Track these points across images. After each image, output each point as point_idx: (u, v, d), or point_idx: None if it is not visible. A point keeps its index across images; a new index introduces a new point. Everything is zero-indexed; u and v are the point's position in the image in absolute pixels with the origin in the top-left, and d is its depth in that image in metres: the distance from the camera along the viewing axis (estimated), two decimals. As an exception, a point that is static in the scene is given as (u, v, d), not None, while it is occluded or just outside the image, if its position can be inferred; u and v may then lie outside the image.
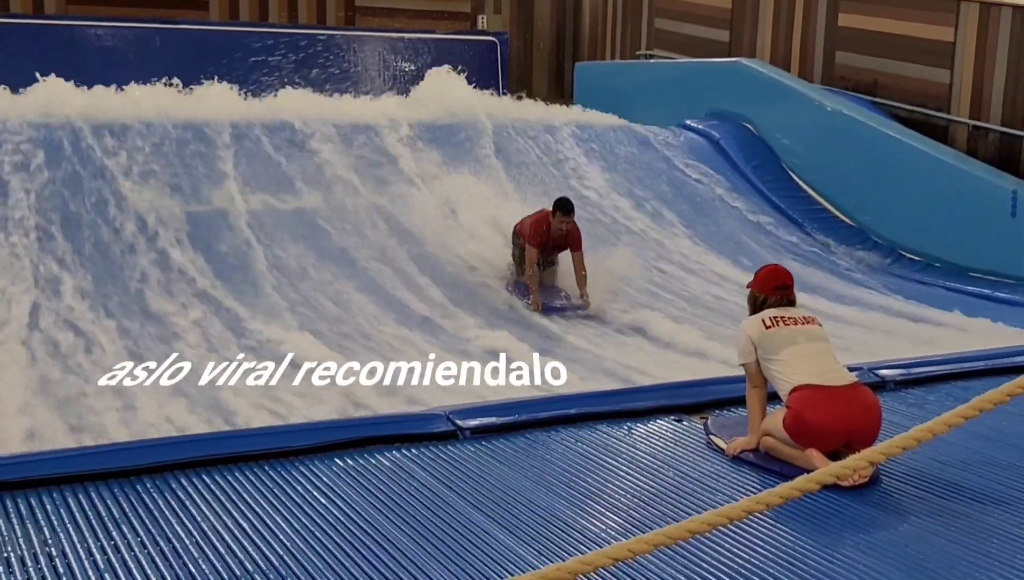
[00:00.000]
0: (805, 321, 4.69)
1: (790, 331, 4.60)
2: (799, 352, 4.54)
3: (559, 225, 8.56)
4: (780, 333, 4.59)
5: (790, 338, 4.58)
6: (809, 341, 4.59)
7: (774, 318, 4.65)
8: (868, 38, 12.68)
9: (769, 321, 4.64)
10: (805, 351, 4.55)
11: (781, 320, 4.64)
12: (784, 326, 4.62)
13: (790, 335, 4.59)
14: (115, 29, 14.15)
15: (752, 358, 4.63)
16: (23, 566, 3.40)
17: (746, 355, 4.65)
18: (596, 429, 4.95)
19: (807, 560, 3.58)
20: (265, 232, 8.81)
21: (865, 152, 11.24)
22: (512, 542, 3.68)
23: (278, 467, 4.30)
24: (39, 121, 9.09)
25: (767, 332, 4.60)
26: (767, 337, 4.59)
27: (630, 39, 16.98)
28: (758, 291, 4.80)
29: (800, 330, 4.62)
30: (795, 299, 4.82)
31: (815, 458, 4.28)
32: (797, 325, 4.64)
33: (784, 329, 4.61)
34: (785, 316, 4.66)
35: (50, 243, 8.01)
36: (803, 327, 4.64)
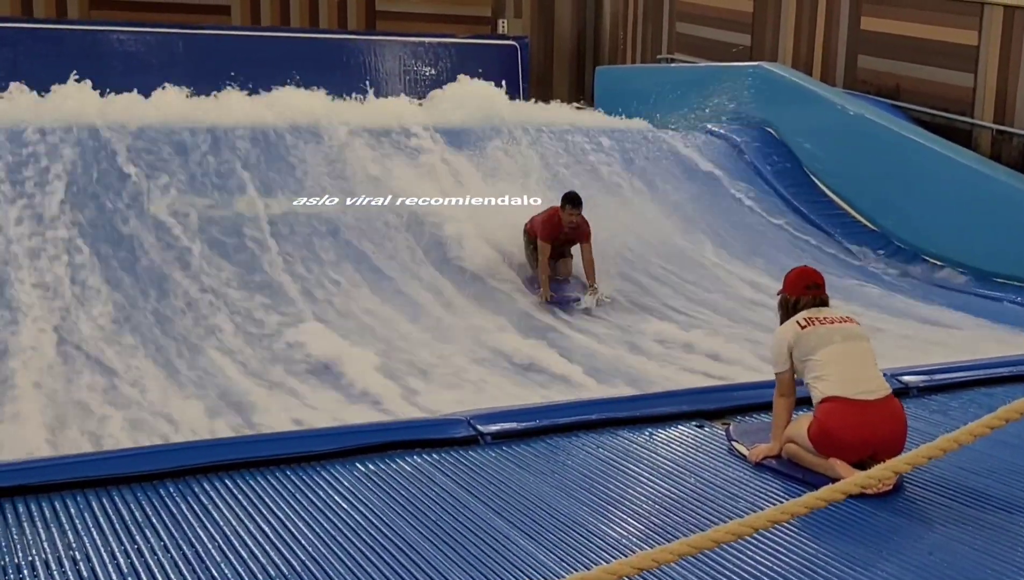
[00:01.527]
0: (842, 320, 4.58)
1: (827, 330, 4.50)
2: (836, 353, 4.44)
3: (569, 218, 8.81)
4: (816, 332, 4.49)
5: (827, 337, 4.48)
6: (846, 340, 4.49)
7: (809, 318, 4.55)
8: (891, 42, 12.62)
9: (804, 321, 4.54)
10: (842, 352, 4.45)
11: (817, 320, 4.54)
12: (820, 325, 4.51)
13: (827, 334, 4.49)
14: (137, 34, 14.24)
15: (787, 366, 4.54)
16: (47, 569, 3.42)
17: (781, 363, 4.56)
18: (617, 435, 4.93)
19: (830, 568, 3.56)
20: (286, 236, 8.83)
21: (887, 156, 11.18)
22: (533, 548, 3.67)
23: (300, 471, 4.31)
24: (62, 125, 9.13)
25: (803, 332, 4.50)
26: (803, 337, 4.49)
27: (651, 43, 16.96)
28: (789, 294, 4.71)
29: (837, 329, 4.52)
30: (827, 298, 4.71)
31: (839, 467, 4.25)
32: (834, 324, 4.53)
33: (820, 328, 4.50)
34: (821, 316, 4.56)
35: (72, 246, 8.05)
36: (840, 326, 4.54)
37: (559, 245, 9.00)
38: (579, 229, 8.89)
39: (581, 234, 8.91)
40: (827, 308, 4.65)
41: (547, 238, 8.84)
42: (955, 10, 11.71)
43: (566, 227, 8.84)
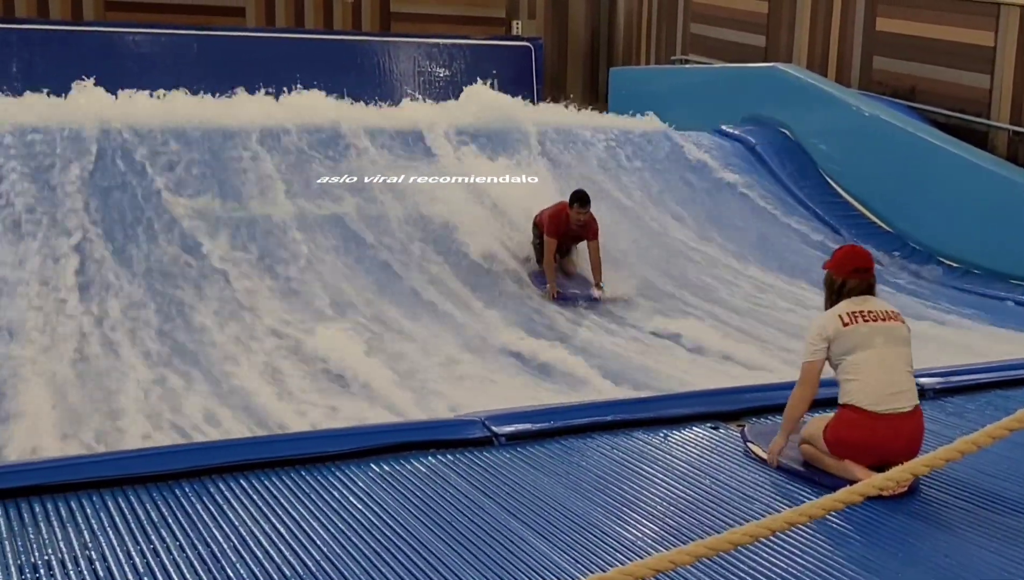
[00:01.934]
0: (887, 317, 4.38)
1: (869, 329, 4.32)
2: (873, 358, 4.28)
3: (577, 216, 8.89)
4: (858, 331, 4.31)
5: (868, 338, 4.30)
6: (887, 344, 4.31)
7: (853, 314, 4.34)
8: (906, 42, 12.57)
9: (847, 317, 4.33)
10: (879, 358, 4.28)
11: (861, 316, 4.34)
12: (864, 323, 4.32)
13: (869, 334, 4.31)
14: (152, 36, 14.31)
15: (819, 357, 4.36)
16: (63, 569, 3.43)
17: (813, 352, 4.37)
18: (632, 436, 4.92)
19: (845, 570, 3.55)
20: (303, 236, 8.84)
21: (903, 158, 11.14)
22: (548, 549, 3.67)
23: (315, 472, 4.32)
24: (78, 126, 9.18)
25: (844, 330, 4.31)
26: (844, 335, 4.31)
27: (665, 44, 16.94)
28: (835, 273, 4.48)
29: (880, 328, 4.33)
30: (874, 282, 4.52)
31: (855, 470, 4.23)
32: (878, 322, 4.34)
33: (863, 326, 4.32)
34: (865, 310, 4.36)
35: (91, 246, 8.08)
36: (884, 325, 4.34)
37: (566, 241, 9.09)
38: (587, 227, 8.96)
39: (589, 231, 8.99)
40: (873, 298, 4.45)
41: (554, 234, 8.91)
42: (971, 11, 11.66)
43: (574, 225, 8.92)
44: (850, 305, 4.40)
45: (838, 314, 4.37)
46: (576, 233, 9.03)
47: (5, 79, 12.39)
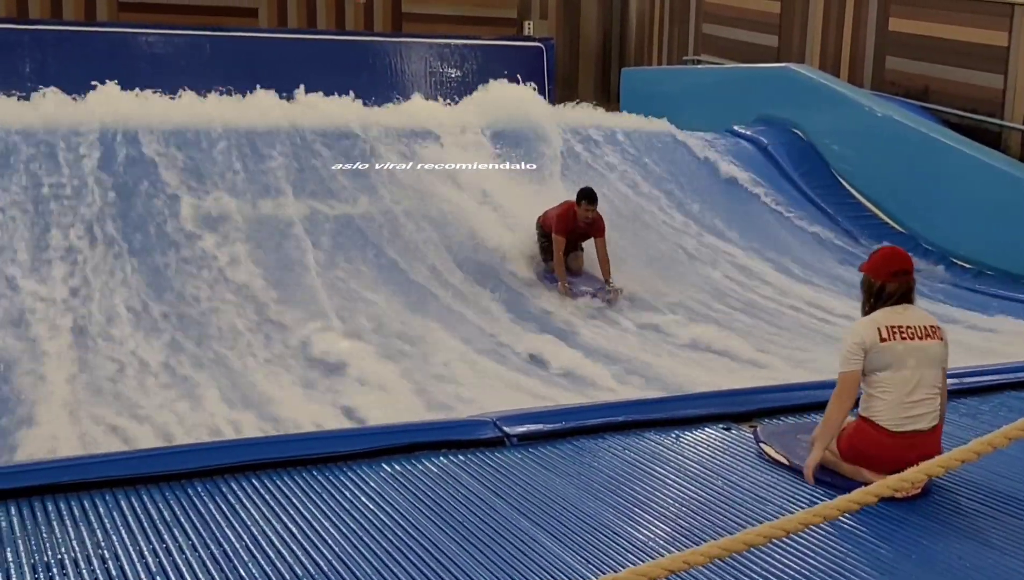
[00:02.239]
0: (927, 334, 4.21)
1: (905, 349, 4.15)
2: (902, 379, 4.15)
3: (585, 213, 8.98)
4: (894, 349, 4.15)
5: (901, 358, 4.15)
6: (919, 366, 4.17)
7: (892, 329, 4.16)
8: (919, 43, 12.53)
9: (886, 331, 4.16)
10: (909, 379, 4.15)
11: (899, 332, 4.16)
12: (900, 341, 4.14)
13: (903, 354, 4.15)
14: (166, 36, 14.34)
15: (857, 367, 4.18)
16: (76, 567, 3.43)
17: (850, 362, 4.19)
18: (644, 437, 4.91)
19: (859, 571, 3.53)
20: (315, 237, 8.85)
21: (916, 158, 11.11)
22: (559, 549, 3.66)
23: (326, 472, 4.32)
24: (92, 127, 9.20)
25: (881, 345, 4.15)
26: (879, 350, 4.15)
27: (677, 44, 16.92)
28: (873, 276, 4.28)
29: (916, 348, 4.17)
30: (914, 286, 4.33)
31: (865, 472, 4.20)
32: (915, 340, 4.16)
33: (899, 344, 4.14)
34: (904, 326, 4.18)
35: (104, 246, 8.11)
36: (921, 344, 4.18)
37: (573, 239, 9.14)
38: (594, 224, 9.04)
39: (596, 229, 9.06)
40: (913, 308, 4.28)
41: (562, 232, 8.98)
42: (985, 11, 11.62)
43: (581, 222, 8.99)
44: (890, 316, 4.22)
45: (877, 326, 4.19)
46: (583, 231, 9.09)
47: (18, 80, 12.42)
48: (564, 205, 9.14)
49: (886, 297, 4.26)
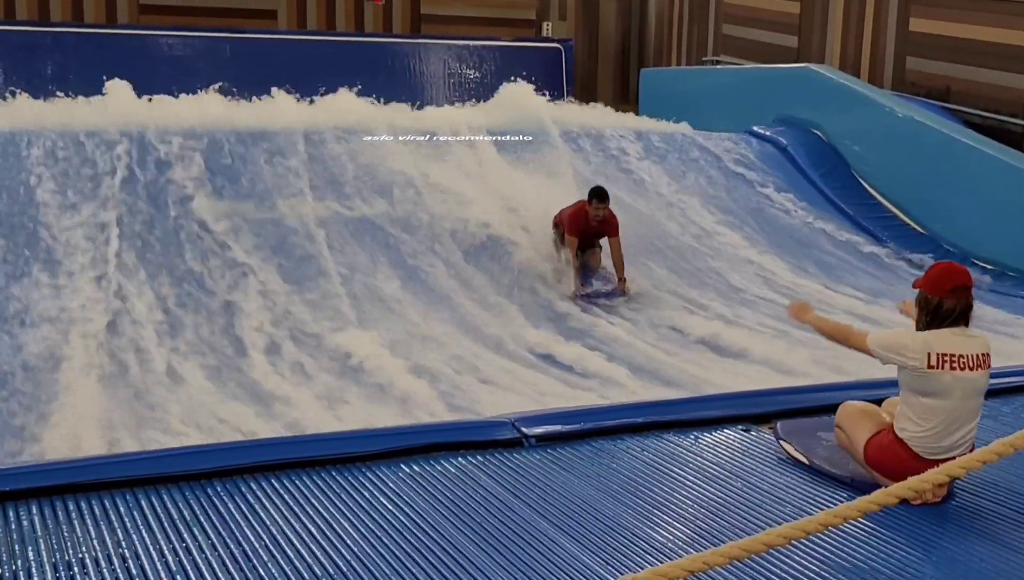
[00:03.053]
0: (977, 365, 4.05)
1: (952, 379, 4.00)
2: (944, 410, 4.04)
3: (595, 212, 8.96)
4: (941, 379, 4.01)
5: (948, 389, 4.02)
6: (964, 399, 4.04)
7: (943, 357, 4.00)
8: (940, 43, 12.47)
9: (936, 359, 4.00)
10: (948, 410, 4.05)
11: (950, 361, 4.00)
12: (951, 370, 4.00)
13: (950, 385, 4.01)
14: (185, 39, 14.41)
15: (881, 361, 4.13)
16: (97, 567, 3.45)
17: (883, 357, 4.12)
18: (662, 438, 4.90)
19: (879, 574, 3.51)
20: (333, 239, 8.88)
21: (937, 159, 11.05)
22: (578, 551, 3.66)
23: (345, 472, 4.32)
24: (111, 128, 9.25)
25: (928, 372, 4.01)
26: (923, 377, 4.03)
27: (696, 45, 16.89)
28: (931, 293, 4.12)
29: (963, 380, 4.02)
30: (972, 304, 4.16)
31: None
32: (965, 371, 4.01)
33: (947, 375, 4.00)
34: (957, 354, 4.01)
35: (121, 247, 8.15)
36: (971, 375, 4.03)
37: (586, 239, 9.14)
38: (606, 223, 9.03)
39: (609, 228, 9.04)
40: (969, 333, 4.11)
41: (574, 232, 8.99)
42: (1007, 10, 11.54)
43: (593, 221, 8.98)
44: (945, 342, 4.05)
45: (928, 351, 4.03)
46: (596, 230, 9.09)
47: (39, 82, 12.50)
48: (577, 205, 9.13)
49: (943, 315, 4.10)
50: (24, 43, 13.57)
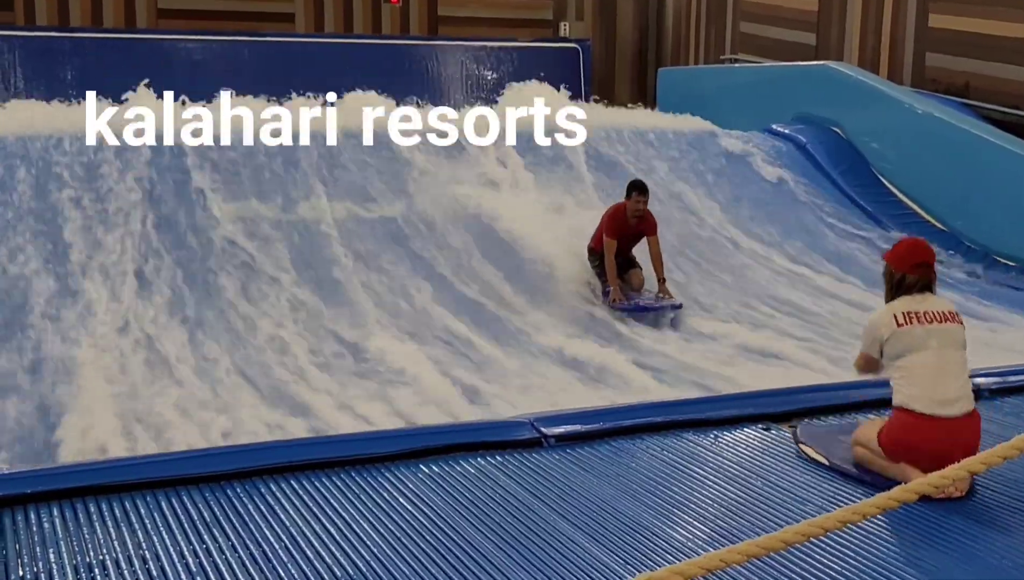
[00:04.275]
0: (944, 318, 4.27)
1: (924, 332, 4.21)
2: (926, 361, 4.19)
3: (635, 205, 8.67)
4: (913, 333, 4.22)
5: (922, 341, 4.21)
6: (942, 346, 4.22)
7: (908, 314, 4.23)
8: (960, 39, 12.39)
9: (903, 317, 4.23)
10: (933, 361, 4.19)
11: (916, 317, 4.23)
12: (919, 325, 4.21)
13: (923, 336, 4.21)
14: (204, 43, 14.47)
15: (875, 353, 4.33)
16: (118, 568, 3.46)
17: (870, 348, 4.36)
18: (682, 437, 4.88)
19: (900, 572, 3.49)
20: (351, 240, 8.90)
21: (957, 156, 10.98)
22: (597, 550, 3.65)
23: (364, 473, 4.33)
24: (132, 132, 9.29)
25: (899, 330, 4.23)
26: (897, 336, 4.23)
27: (714, 43, 16.84)
28: (895, 267, 4.36)
29: (936, 330, 4.22)
30: (934, 279, 4.39)
31: (909, 471, 4.16)
32: (934, 323, 4.22)
33: (918, 328, 4.21)
34: (921, 311, 4.24)
35: (144, 251, 8.19)
36: (940, 326, 4.23)
37: (625, 241, 8.79)
38: (645, 220, 8.74)
39: (647, 226, 8.75)
40: (931, 297, 4.33)
41: (613, 233, 8.65)
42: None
43: (631, 218, 8.68)
44: (908, 304, 4.29)
45: (893, 314, 4.27)
46: (635, 230, 8.75)
47: (60, 86, 12.59)
48: (612, 208, 8.87)
49: (906, 287, 4.33)
50: (44, 48, 13.65)
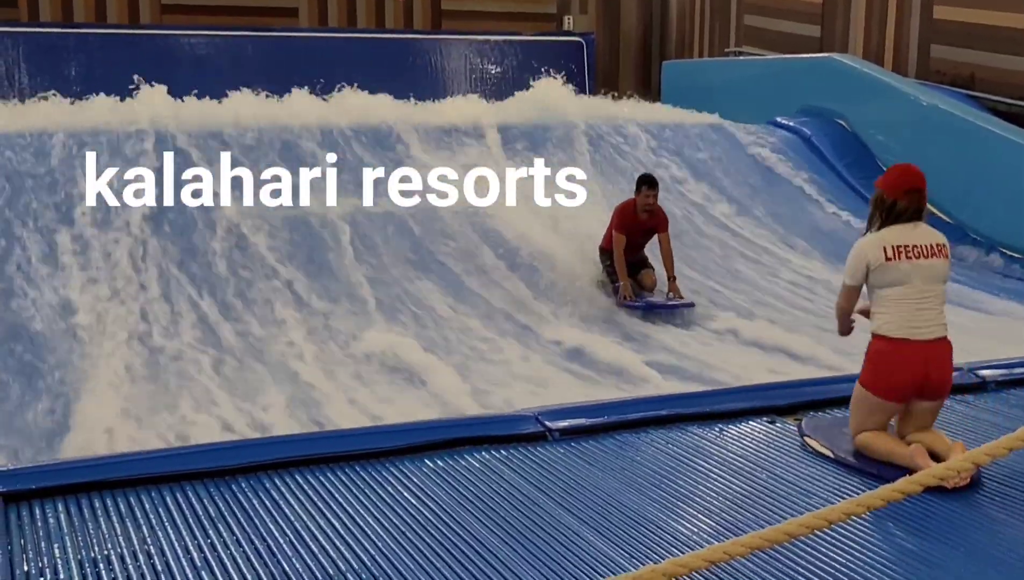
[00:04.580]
0: (932, 253, 4.33)
1: (910, 266, 4.28)
2: (909, 294, 4.28)
3: (645, 200, 8.55)
4: (899, 268, 4.28)
5: (906, 275, 4.28)
6: (925, 282, 4.30)
7: (898, 248, 4.29)
8: (965, 30, 12.36)
9: (892, 251, 4.29)
10: (913, 294, 4.28)
11: (905, 251, 4.28)
12: (906, 260, 4.27)
13: (908, 272, 4.28)
14: (208, 38, 14.47)
15: (859, 282, 4.40)
16: (123, 563, 3.47)
17: (853, 277, 4.41)
18: (686, 430, 4.88)
19: (906, 564, 3.48)
20: (357, 235, 8.89)
21: (962, 147, 10.95)
22: (602, 544, 3.64)
23: (369, 468, 4.32)
24: (137, 128, 9.30)
25: (886, 264, 4.29)
26: (884, 268, 4.30)
27: (718, 36, 16.81)
28: (887, 192, 4.38)
29: (921, 267, 4.29)
30: (925, 205, 4.41)
31: (917, 456, 4.16)
32: (921, 259, 4.29)
33: (904, 263, 4.28)
34: (910, 245, 4.29)
35: (148, 247, 8.20)
36: (926, 262, 4.30)
37: (635, 237, 8.68)
38: (655, 215, 8.62)
39: (658, 221, 8.64)
40: (921, 226, 4.37)
41: (622, 229, 8.56)
42: (1032, -4, 11.44)
43: (641, 213, 8.56)
44: (897, 235, 4.33)
45: (883, 246, 4.32)
46: (645, 226, 8.64)
47: (64, 82, 12.59)
48: (621, 205, 8.76)
49: (897, 213, 4.36)
50: (48, 44, 13.65)
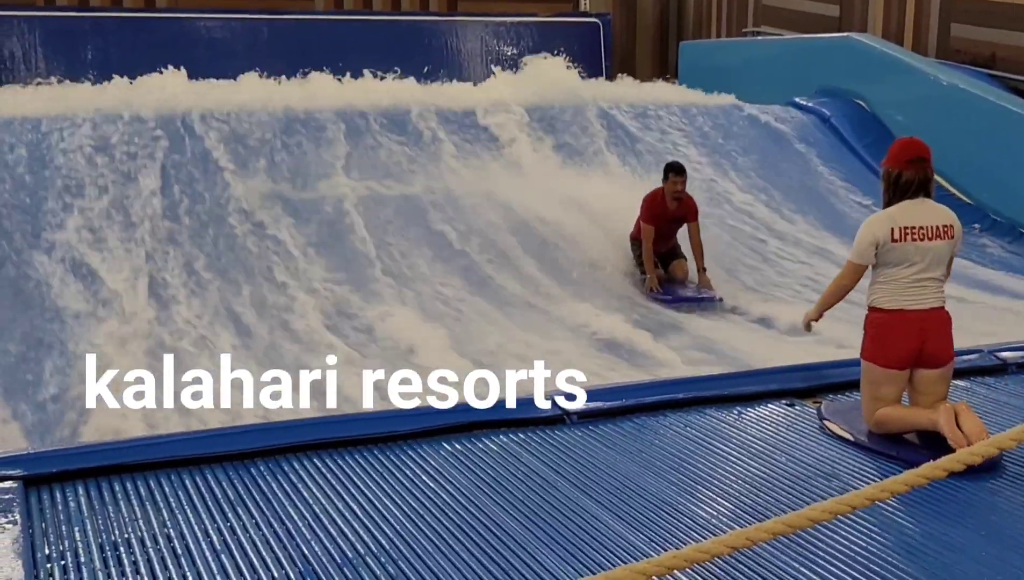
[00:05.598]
0: (938, 234, 4.35)
1: (915, 248, 4.31)
2: (912, 275, 4.33)
3: (673, 187, 8.37)
4: (905, 249, 4.32)
5: (914, 257, 4.32)
6: (928, 267, 4.34)
7: (904, 230, 4.31)
8: (986, 9, 12.23)
9: (899, 232, 4.32)
10: (914, 274, 4.33)
11: (912, 233, 4.31)
12: (911, 241, 4.30)
13: (915, 254, 4.31)
14: (223, 21, 14.45)
15: (867, 261, 4.41)
16: (143, 546, 3.48)
17: (862, 256, 4.42)
18: (705, 413, 4.86)
19: (928, 547, 3.46)
20: (372, 219, 8.88)
21: (983, 127, 10.85)
22: (621, 527, 3.63)
23: (387, 451, 4.33)
24: (153, 112, 9.30)
25: (893, 245, 4.32)
26: (890, 249, 4.33)
27: (736, 16, 16.69)
28: (891, 166, 4.42)
29: (927, 249, 4.32)
30: (931, 175, 4.42)
31: (938, 414, 4.19)
32: (926, 241, 4.31)
33: (910, 245, 4.31)
34: (917, 226, 4.31)
35: (163, 230, 8.21)
36: (932, 245, 4.33)
37: (664, 227, 8.52)
38: (684, 204, 8.46)
39: (687, 210, 8.48)
40: (928, 203, 4.39)
41: (651, 219, 8.38)
42: (1054, -26, 11.31)
43: (670, 201, 8.40)
44: (906, 214, 4.35)
45: (891, 226, 4.35)
46: (674, 215, 8.45)
47: (81, 67, 12.60)
48: (649, 194, 8.54)
49: (904, 186, 4.38)
50: (63, 28, 13.66)
